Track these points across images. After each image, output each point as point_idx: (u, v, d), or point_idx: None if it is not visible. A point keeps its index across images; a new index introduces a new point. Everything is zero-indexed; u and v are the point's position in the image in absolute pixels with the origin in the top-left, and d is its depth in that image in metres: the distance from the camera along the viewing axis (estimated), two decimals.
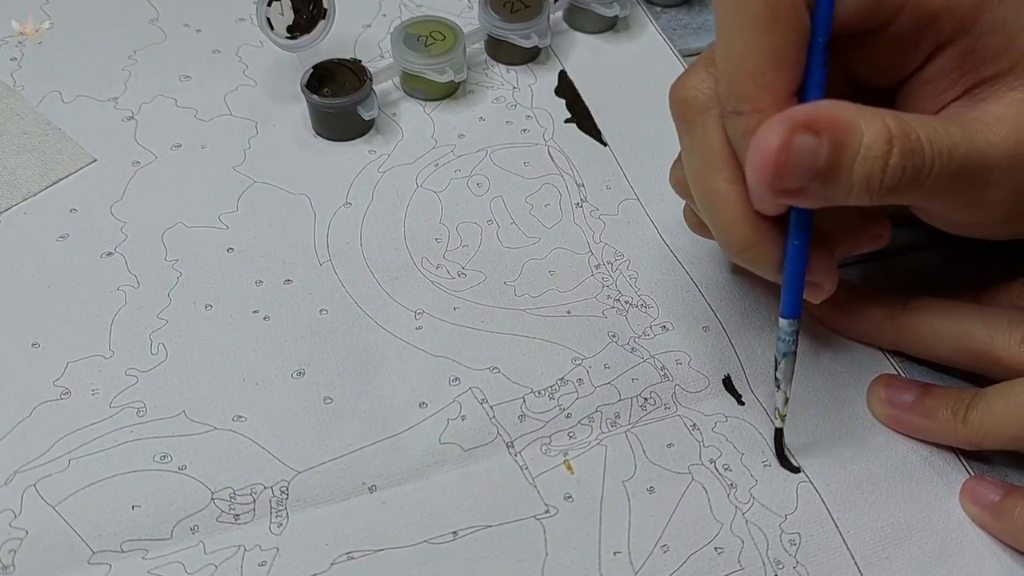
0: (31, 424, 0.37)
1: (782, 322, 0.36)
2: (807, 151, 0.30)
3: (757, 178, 0.31)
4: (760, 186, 0.31)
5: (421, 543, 0.35)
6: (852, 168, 0.31)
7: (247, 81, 0.50)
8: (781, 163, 0.30)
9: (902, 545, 0.36)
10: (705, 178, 0.34)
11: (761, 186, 0.31)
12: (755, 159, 0.31)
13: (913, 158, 0.31)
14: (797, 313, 0.36)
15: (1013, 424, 0.35)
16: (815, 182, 0.31)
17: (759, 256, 0.34)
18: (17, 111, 0.47)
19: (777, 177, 0.31)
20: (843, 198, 0.32)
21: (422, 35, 0.48)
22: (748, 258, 0.35)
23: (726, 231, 0.34)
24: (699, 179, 0.35)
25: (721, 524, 0.36)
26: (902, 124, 0.31)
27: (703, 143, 0.34)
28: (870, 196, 0.31)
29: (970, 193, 0.33)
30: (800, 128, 0.30)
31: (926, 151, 0.31)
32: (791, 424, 0.38)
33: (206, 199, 0.45)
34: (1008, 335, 0.37)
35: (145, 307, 0.41)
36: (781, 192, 0.31)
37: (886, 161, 0.31)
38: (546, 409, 0.39)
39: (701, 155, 0.34)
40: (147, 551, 0.35)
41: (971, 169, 0.32)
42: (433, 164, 0.47)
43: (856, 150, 0.31)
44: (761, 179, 0.31)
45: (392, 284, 0.42)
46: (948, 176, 0.32)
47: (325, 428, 0.38)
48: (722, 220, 0.34)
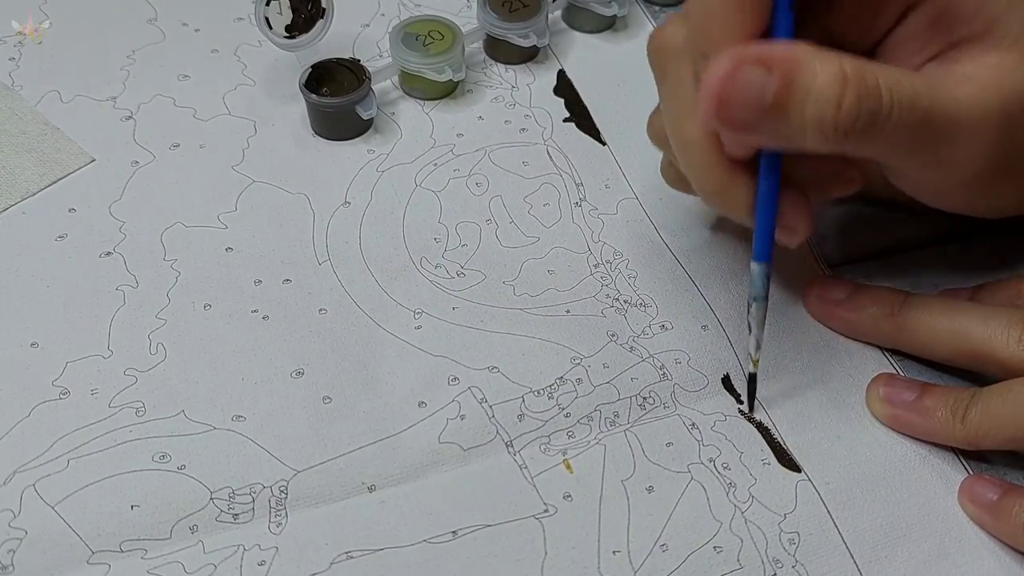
0: (30, 424, 0.37)
1: (753, 266, 0.36)
2: (754, 84, 0.31)
3: (703, 107, 0.31)
4: (706, 116, 0.31)
5: (420, 543, 0.35)
6: (803, 108, 0.31)
7: (246, 80, 0.50)
8: (725, 93, 0.31)
9: (901, 544, 0.36)
10: (680, 123, 0.35)
11: (707, 116, 0.31)
12: (703, 89, 0.31)
13: (869, 102, 0.31)
14: (768, 257, 0.36)
15: (1011, 424, 0.35)
16: (765, 119, 0.31)
17: (731, 200, 0.35)
18: (16, 111, 0.47)
19: (721, 107, 0.31)
20: (799, 139, 0.32)
21: (421, 34, 0.48)
22: (721, 202, 0.35)
23: (700, 175, 0.35)
24: (674, 125, 0.35)
25: (720, 523, 0.36)
26: (860, 68, 0.31)
27: (677, 89, 0.35)
28: (824, 138, 0.32)
29: (935, 150, 0.34)
30: (750, 62, 0.31)
31: (884, 97, 0.31)
32: (790, 422, 0.39)
33: (205, 199, 0.45)
34: (1007, 334, 0.37)
35: (144, 307, 0.41)
36: (729, 124, 0.32)
37: (839, 103, 0.31)
38: (545, 408, 0.39)
39: (676, 101, 0.35)
40: (146, 551, 0.35)
41: (935, 123, 0.33)
42: (432, 163, 0.47)
43: (807, 89, 0.31)
44: (706, 108, 0.31)
45: (391, 284, 0.42)
46: (909, 127, 0.32)
47: (324, 428, 0.38)
48: (696, 164, 0.35)
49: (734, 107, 0.31)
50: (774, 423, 0.39)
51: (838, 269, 0.43)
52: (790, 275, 0.43)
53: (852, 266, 0.43)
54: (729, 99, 0.31)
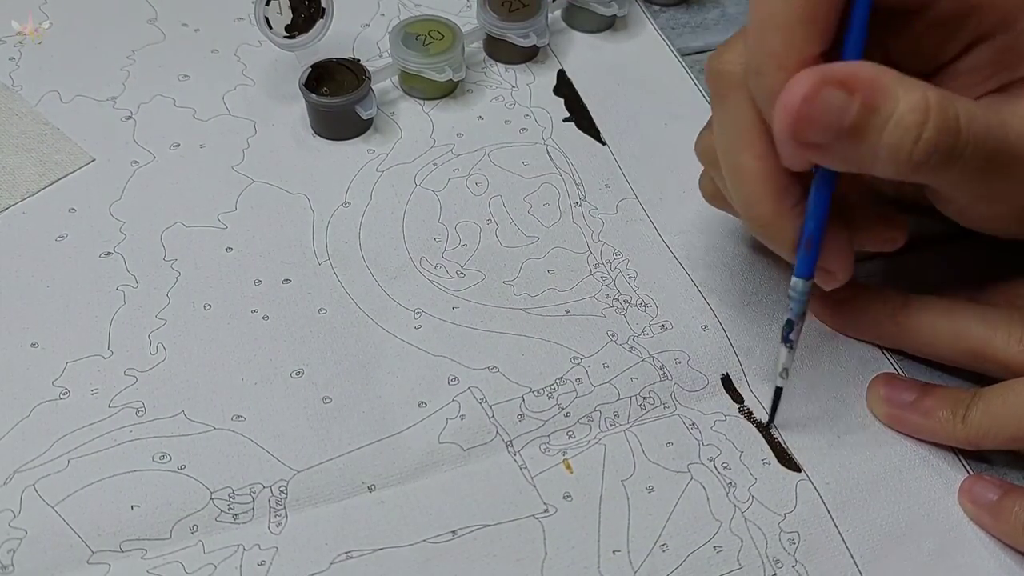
0: (30, 424, 0.37)
1: (796, 282, 0.36)
2: (835, 106, 0.30)
3: (779, 125, 0.31)
4: (781, 134, 0.31)
5: (420, 542, 0.35)
6: (881, 134, 0.30)
7: (245, 80, 0.50)
8: (804, 113, 0.30)
9: (901, 544, 0.36)
10: (735, 152, 0.34)
11: (782, 133, 0.31)
12: (780, 106, 0.30)
13: (948, 136, 0.31)
14: (810, 274, 0.35)
15: (1012, 424, 0.35)
16: (840, 140, 0.30)
17: (778, 233, 0.35)
18: (16, 111, 0.47)
19: (798, 126, 0.30)
20: (869, 164, 0.31)
21: (420, 34, 0.48)
22: (767, 233, 0.35)
23: (749, 205, 0.35)
24: (728, 153, 0.35)
25: (720, 523, 0.36)
26: (943, 100, 0.31)
27: (735, 117, 0.34)
28: (897, 167, 0.31)
29: (996, 184, 0.33)
30: (832, 83, 0.30)
31: (962, 131, 0.31)
32: (790, 423, 0.39)
33: (205, 199, 0.45)
34: (1007, 334, 0.37)
35: (144, 307, 0.41)
36: (803, 144, 0.31)
37: (919, 133, 0.30)
38: (545, 408, 0.39)
39: (732, 129, 0.34)
40: (146, 551, 0.35)
41: (1002, 159, 0.32)
42: (432, 163, 0.47)
43: (889, 116, 0.30)
44: (781, 126, 0.31)
45: (391, 283, 0.42)
46: (979, 163, 0.32)
47: (324, 428, 0.38)
48: (747, 194, 0.34)
49: (811, 128, 0.30)
50: (774, 423, 0.39)
51: None
52: (790, 275, 0.43)
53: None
54: (808, 119, 0.30)
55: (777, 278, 0.43)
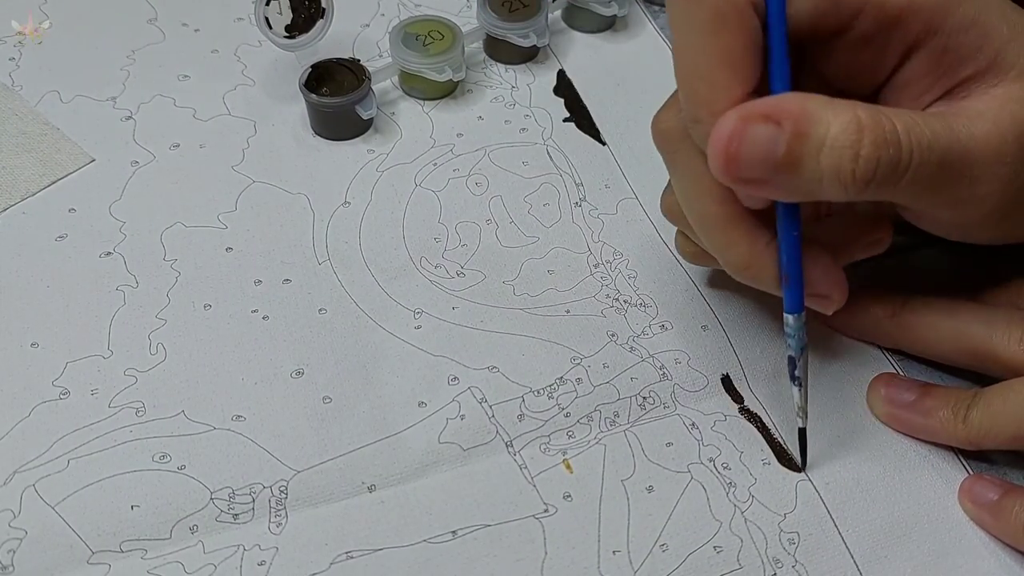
0: (30, 424, 0.37)
1: (787, 318, 0.36)
2: (763, 140, 0.30)
3: (713, 166, 0.31)
4: (722, 178, 0.31)
5: (420, 542, 0.35)
6: (818, 159, 0.30)
7: (246, 80, 0.50)
8: (732, 152, 0.30)
9: (901, 544, 0.36)
10: (696, 203, 0.35)
11: (722, 177, 0.31)
12: (710, 148, 0.31)
13: (888, 149, 0.31)
14: (800, 307, 0.35)
15: (1013, 424, 0.35)
16: (778, 173, 0.31)
17: (759, 272, 0.35)
18: (16, 111, 0.47)
19: (730, 166, 0.31)
20: (815, 191, 0.31)
21: (420, 34, 0.48)
22: (749, 276, 0.35)
23: (724, 252, 0.35)
24: (690, 205, 0.35)
25: (720, 523, 0.36)
26: (875, 115, 0.31)
27: (687, 170, 0.35)
28: (844, 189, 0.31)
29: (955, 189, 0.33)
30: (756, 118, 0.30)
31: (903, 142, 0.31)
32: (791, 422, 0.39)
33: (205, 199, 0.45)
34: (1007, 334, 0.37)
35: (144, 307, 0.41)
36: (741, 182, 0.31)
37: (856, 151, 0.30)
38: (545, 408, 0.39)
39: (688, 182, 0.35)
40: (146, 551, 0.35)
41: (953, 163, 0.32)
42: (432, 163, 0.47)
43: (821, 141, 0.30)
44: (715, 167, 0.31)
45: (391, 283, 0.42)
46: (929, 170, 0.32)
47: (324, 428, 0.38)
48: (718, 242, 0.35)
49: (743, 165, 0.30)
50: (774, 423, 0.39)
51: None
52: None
53: (852, 266, 0.43)
54: (738, 157, 0.30)
55: None
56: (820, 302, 0.36)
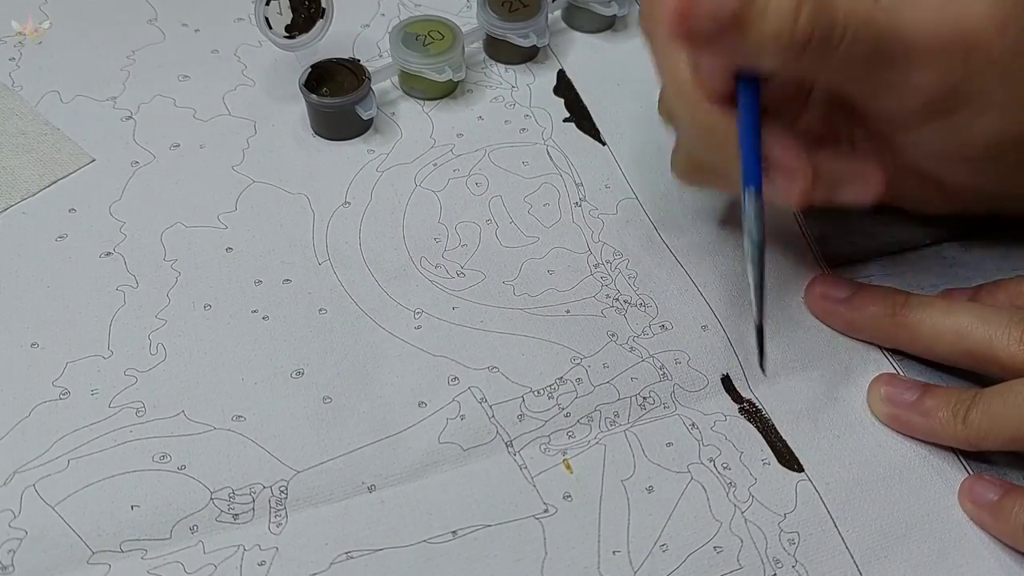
0: (30, 424, 0.37)
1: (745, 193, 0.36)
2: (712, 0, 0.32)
3: (668, 22, 0.33)
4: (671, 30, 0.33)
5: (420, 543, 0.35)
6: (762, 22, 0.32)
7: (246, 81, 0.50)
8: (684, 7, 0.32)
9: (901, 544, 0.36)
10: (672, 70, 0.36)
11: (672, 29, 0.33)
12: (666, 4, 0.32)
13: (824, 16, 0.32)
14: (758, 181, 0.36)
15: (1012, 425, 0.35)
16: (725, 32, 0.32)
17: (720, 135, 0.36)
18: (16, 111, 0.47)
19: (681, 20, 0.32)
20: (758, 55, 0.33)
21: (420, 34, 0.48)
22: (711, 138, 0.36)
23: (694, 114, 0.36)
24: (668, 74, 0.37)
25: (720, 523, 0.36)
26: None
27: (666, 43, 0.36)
28: (782, 54, 0.33)
29: (891, 72, 0.34)
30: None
31: (839, 12, 0.32)
32: (790, 422, 0.39)
33: (205, 199, 0.45)
34: (1007, 334, 0.37)
35: (144, 307, 0.41)
36: (689, 37, 0.33)
37: (796, 16, 0.32)
38: (545, 408, 0.39)
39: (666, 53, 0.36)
40: (146, 551, 0.35)
41: (890, 44, 0.33)
42: (432, 164, 0.47)
43: (765, 3, 0.32)
44: (670, 23, 0.32)
45: (391, 284, 0.42)
46: (865, 47, 0.33)
47: (324, 428, 0.38)
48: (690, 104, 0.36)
49: (693, 20, 0.32)
50: (774, 423, 0.39)
51: (838, 269, 0.43)
52: (791, 274, 0.43)
53: (852, 266, 0.43)
54: (687, 12, 0.32)
55: (776, 279, 0.43)
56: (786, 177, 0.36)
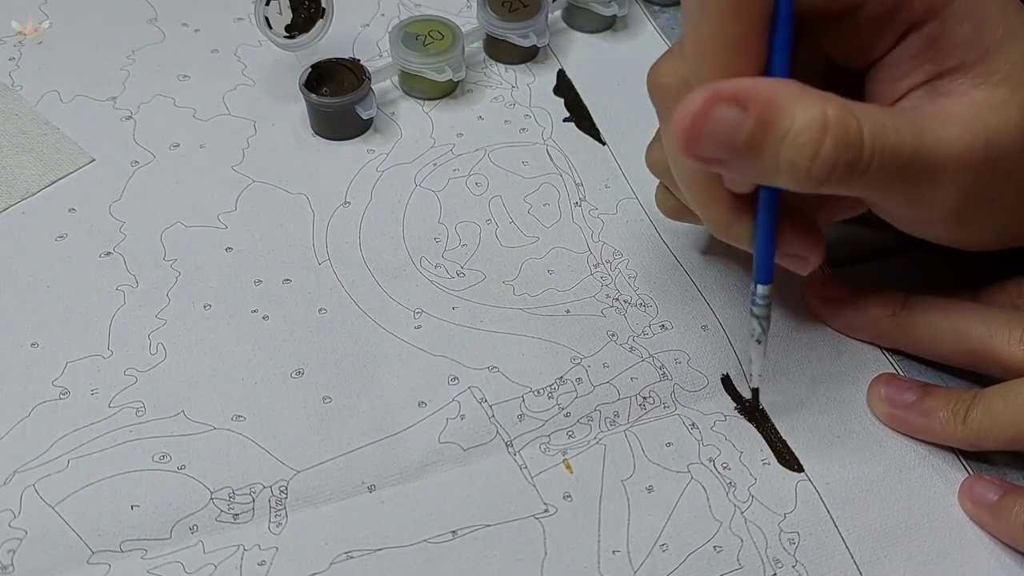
0: (30, 424, 0.37)
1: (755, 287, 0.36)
2: (727, 123, 0.30)
3: (676, 142, 0.31)
4: (680, 150, 0.31)
5: (420, 542, 0.35)
6: (778, 151, 0.30)
7: (245, 80, 0.50)
8: (695, 129, 0.30)
9: (901, 544, 0.36)
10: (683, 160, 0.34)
11: (680, 149, 0.31)
12: (675, 123, 0.30)
13: (848, 152, 0.30)
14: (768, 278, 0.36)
15: (1012, 425, 0.35)
16: (737, 157, 0.31)
17: (739, 233, 0.35)
18: (15, 111, 0.47)
19: (690, 142, 0.30)
20: (772, 179, 0.31)
21: (420, 34, 0.48)
22: (729, 235, 0.35)
23: (706, 210, 0.35)
24: (678, 160, 0.35)
25: (720, 523, 0.36)
26: (843, 115, 0.30)
27: None
28: (799, 183, 0.31)
29: (913, 190, 0.33)
30: (725, 99, 0.30)
31: (865, 146, 0.31)
32: (790, 422, 0.39)
33: (205, 199, 0.45)
34: (1007, 334, 0.37)
35: (144, 307, 0.41)
36: (700, 159, 0.31)
37: (816, 150, 0.30)
38: (545, 408, 0.39)
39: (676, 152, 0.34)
40: (146, 551, 0.35)
41: (916, 167, 0.32)
42: (432, 163, 0.47)
43: (784, 133, 0.30)
44: (678, 143, 0.31)
45: (391, 283, 0.42)
46: (889, 172, 0.32)
47: (324, 427, 0.38)
48: (702, 200, 0.35)
49: (703, 144, 0.30)
50: (774, 423, 0.39)
51: (838, 269, 0.43)
52: (791, 275, 0.42)
53: (852, 266, 0.43)
54: (700, 135, 0.30)
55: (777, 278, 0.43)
56: (796, 263, 0.36)
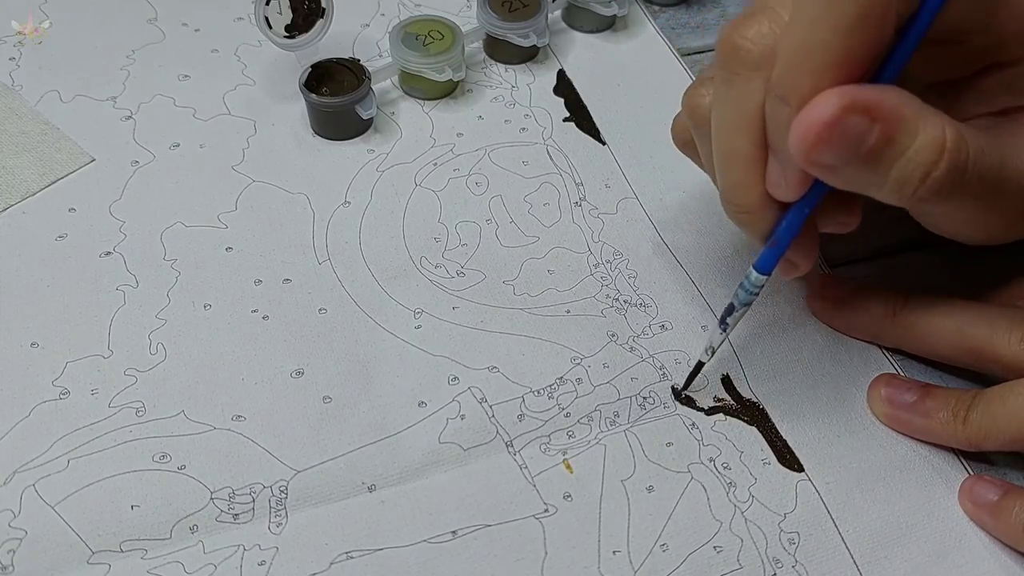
0: (30, 424, 0.37)
1: (752, 274, 0.36)
2: (855, 134, 0.30)
3: (796, 144, 0.30)
4: (797, 153, 0.30)
5: (420, 542, 0.35)
6: (892, 166, 0.30)
7: (246, 80, 0.50)
8: (825, 137, 0.29)
9: (901, 544, 0.36)
10: (732, 134, 0.34)
11: (798, 153, 0.30)
12: (802, 125, 0.30)
13: (957, 175, 0.30)
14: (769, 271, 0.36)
15: (1013, 425, 0.35)
16: (852, 166, 0.30)
17: (755, 222, 0.35)
18: (16, 110, 0.47)
19: (816, 149, 0.30)
20: (874, 191, 0.31)
21: (420, 34, 0.48)
22: (744, 221, 0.35)
23: (734, 191, 0.35)
24: (725, 133, 0.34)
25: (720, 523, 0.36)
26: (959, 139, 0.30)
27: (741, 99, 0.33)
28: (900, 198, 0.31)
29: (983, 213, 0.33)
30: (858, 108, 0.29)
31: (969, 170, 0.31)
32: (790, 422, 0.39)
33: (205, 198, 0.45)
34: (1009, 334, 0.37)
35: (144, 307, 0.41)
36: (816, 164, 0.30)
37: (929, 171, 0.30)
38: (545, 408, 0.39)
39: (735, 110, 0.33)
40: (146, 551, 0.35)
41: (995, 192, 0.32)
42: (432, 163, 0.47)
43: (904, 149, 0.30)
44: (800, 146, 0.30)
45: (391, 283, 0.42)
46: (975, 194, 0.32)
47: (324, 428, 0.38)
48: (734, 180, 0.34)
49: (828, 151, 0.30)
50: (774, 423, 0.39)
51: (838, 269, 0.43)
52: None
53: (852, 266, 0.43)
54: (827, 142, 0.29)
55: (776, 279, 0.43)
56: (787, 267, 0.36)
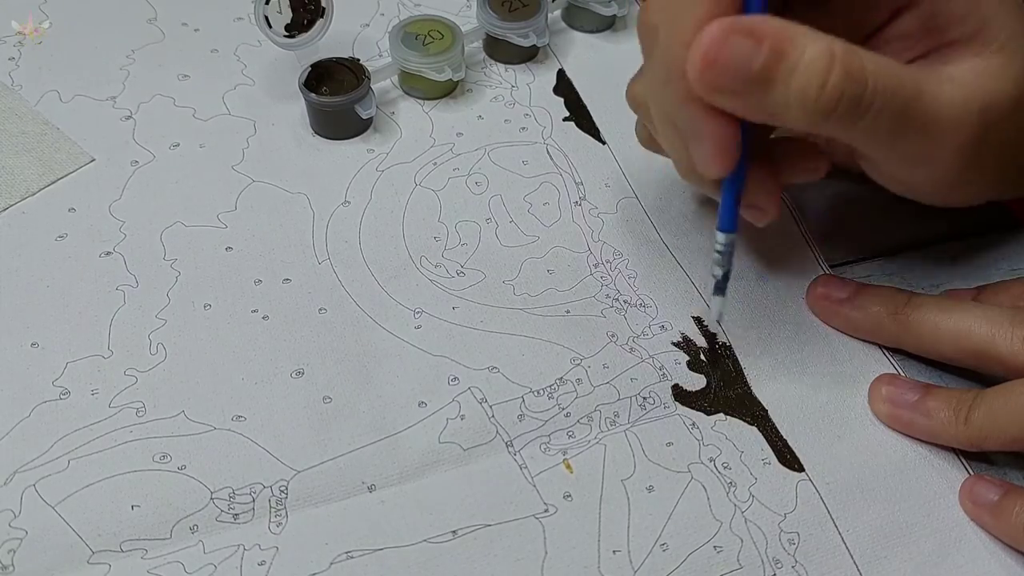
0: (30, 424, 0.37)
1: (718, 235, 0.37)
2: (742, 53, 0.31)
3: (692, 76, 0.31)
4: (695, 83, 0.32)
5: (420, 542, 0.35)
6: (789, 80, 0.31)
7: (245, 80, 0.50)
8: (712, 58, 0.31)
9: (901, 544, 0.36)
10: (662, 119, 0.35)
11: (696, 83, 0.32)
12: (692, 53, 0.31)
13: (853, 84, 0.31)
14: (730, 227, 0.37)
15: (1014, 425, 0.35)
16: (750, 87, 0.31)
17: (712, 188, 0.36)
18: (15, 111, 0.47)
19: (707, 70, 0.31)
20: (782, 113, 0.32)
21: (420, 34, 0.48)
22: (694, 177, 0.36)
23: (678, 149, 0.36)
24: (656, 98, 0.35)
25: (720, 523, 0.36)
26: (848, 50, 0.32)
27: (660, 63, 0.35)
28: (807, 116, 0.32)
29: (910, 144, 0.34)
30: (740, 31, 0.31)
31: (869, 81, 0.32)
32: (790, 422, 0.39)
33: (205, 198, 0.45)
34: (1010, 334, 0.36)
35: (144, 307, 0.41)
36: (713, 88, 0.32)
37: (825, 79, 0.31)
38: (545, 408, 0.39)
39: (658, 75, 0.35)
40: (146, 551, 0.35)
41: (915, 117, 0.33)
42: (432, 163, 0.47)
43: (795, 63, 0.31)
44: (695, 75, 0.31)
45: (391, 283, 0.42)
46: (889, 116, 0.32)
47: (324, 427, 0.38)
48: (677, 158, 0.36)
49: (720, 73, 0.31)
50: (774, 423, 0.39)
51: (839, 268, 0.43)
52: (792, 274, 0.43)
53: (852, 266, 0.43)
54: (716, 63, 0.31)
55: (776, 279, 0.43)
56: (754, 213, 0.37)
